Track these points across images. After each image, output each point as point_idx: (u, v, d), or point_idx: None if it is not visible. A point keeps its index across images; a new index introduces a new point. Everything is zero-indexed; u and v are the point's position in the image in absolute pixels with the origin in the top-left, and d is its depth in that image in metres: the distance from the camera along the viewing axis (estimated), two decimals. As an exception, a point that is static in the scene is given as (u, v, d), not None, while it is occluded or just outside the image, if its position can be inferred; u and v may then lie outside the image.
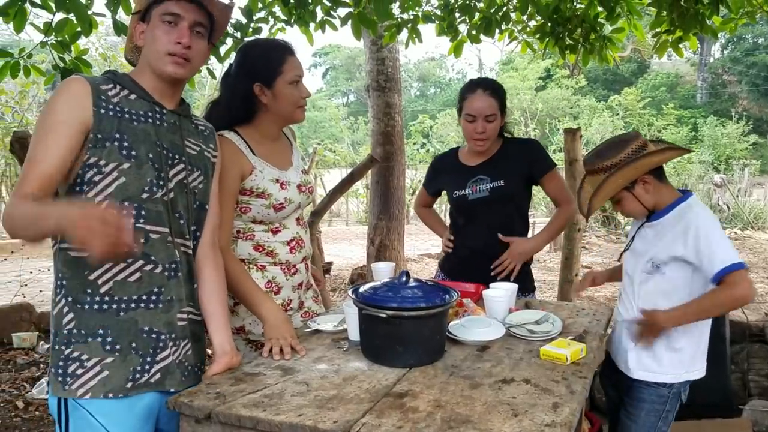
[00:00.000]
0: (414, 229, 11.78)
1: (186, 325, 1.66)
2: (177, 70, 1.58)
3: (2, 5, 2.89)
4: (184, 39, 1.56)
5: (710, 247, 1.93)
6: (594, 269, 2.26)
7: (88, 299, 1.52)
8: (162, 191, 1.57)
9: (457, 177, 2.63)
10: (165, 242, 1.59)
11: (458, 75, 43.76)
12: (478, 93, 2.49)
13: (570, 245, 4.72)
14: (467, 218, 2.64)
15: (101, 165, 1.49)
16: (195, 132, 1.74)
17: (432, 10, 4.49)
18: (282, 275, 2.10)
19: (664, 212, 2.07)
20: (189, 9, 1.58)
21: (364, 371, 1.65)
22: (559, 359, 1.72)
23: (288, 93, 1.99)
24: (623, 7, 4.09)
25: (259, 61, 1.99)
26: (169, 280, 1.60)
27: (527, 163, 2.57)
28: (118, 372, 1.52)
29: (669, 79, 29.86)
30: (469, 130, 2.52)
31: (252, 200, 2.01)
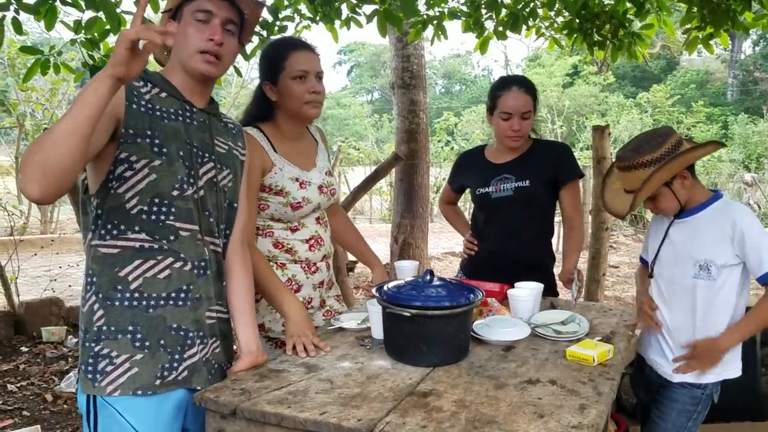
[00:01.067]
0: (438, 228, 11.75)
1: (215, 324, 1.67)
2: (209, 68, 1.59)
3: (33, 4, 2.94)
4: (217, 36, 1.56)
5: (758, 246, 1.91)
6: (644, 298, 2.19)
7: (118, 296, 1.53)
8: (192, 189, 1.58)
9: (482, 174, 2.60)
10: (195, 240, 1.60)
11: (484, 72, 43.51)
12: (514, 90, 2.46)
13: (597, 244, 4.66)
14: (489, 217, 2.61)
15: (132, 161, 1.50)
16: (224, 131, 1.75)
17: (458, 6, 4.46)
18: (302, 273, 2.11)
19: (698, 209, 2.04)
20: (221, 6, 1.58)
21: (388, 370, 1.65)
22: (585, 360, 1.70)
23: (292, 88, 1.98)
24: (653, 3, 4.03)
25: (265, 59, 2.04)
26: (198, 278, 1.61)
27: (555, 166, 2.53)
28: (147, 369, 1.53)
29: (699, 76, 29.34)
30: (503, 127, 2.48)
31: (270, 197, 2.02)
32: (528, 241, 2.54)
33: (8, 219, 6.32)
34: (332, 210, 2.33)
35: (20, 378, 4.04)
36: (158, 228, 1.54)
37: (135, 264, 1.53)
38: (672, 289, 2.10)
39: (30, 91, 8.15)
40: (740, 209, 2.00)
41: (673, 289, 2.09)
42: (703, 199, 2.04)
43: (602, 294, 4.75)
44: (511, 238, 2.53)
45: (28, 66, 3.24)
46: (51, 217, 10.98)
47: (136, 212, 1.52)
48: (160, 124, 1.54)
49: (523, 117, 2.45)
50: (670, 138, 1.99)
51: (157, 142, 1.52)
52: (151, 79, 1.59)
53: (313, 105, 2.01)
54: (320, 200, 2.12)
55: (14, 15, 3.01)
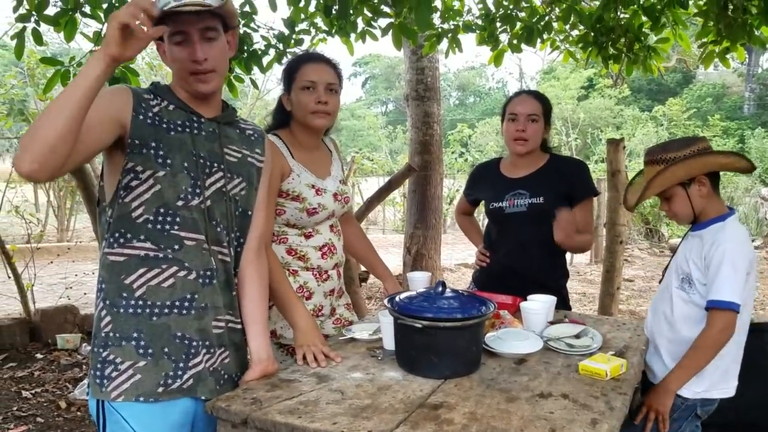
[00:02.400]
0: (451, 239, 11.73)
1: (223, 333, 1.67)
2: (205, 87, 1.60)
3: (54, 15, 2.99)
4: (198, 54, 1.55)
5: (717, 274, 1.93)
6: None
7: (124, 303, 1.55)
8: (198, 199, 1.59)
9: (496, 188, 2.59)
10: (200, 249, 1.61)
11: (498, 84, 43.53)
12: (523, 96, 2.53)
13: (612, 258, 4.63)
14: (501, 232, 2.60)
15: (138, 171, 1.53)
16: (239, 138, 1.75)
17: (473, 19, 4.47)
18: (313, 280, 2.13)
19: (706, 224, 2.04)
20: (191, 19, 1.53)
21: (399, 381, 1.65)
22: (598, 374, 1.68)
23: (300, 98, 2.06)
24: (668, 17, 4.02)
25: (283, 72, 2.14)
26: (204, 287, 1.61)
27: (569, 183, 2.51)
28: (150, 376, 1.54)
29: (715, 90, 29.15)
30: (510, 130, 2.49)
31: (287, 203, 2.05)
32: (540, 258, 2.51)
33: (26, 227, 6.39)
34: (345, 219, 2.35)
35: (35, 385, 4.06)
36: (163, 237, 1.56)
37: (140, 272, 1.55)
38: (661, 295, 2.17)
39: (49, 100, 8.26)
40: (730, 235, 1.98)
41: (661, 295, 2.16)
42: (715, 214, 2.04)
43: (616, 308, 4.71)
44: (523, 253, 2.52)
45: (47, 76, 3.29)
46: (68, 226, 11.09)
47: (142, 221, 1.55)
48: (166, 136, 1.56)
49: (529, 118, 2.46)
50: (700, 143, 2.01)
51: (161, 153, 1.54)
52: (159, 92, 1.62)
53: (319, 115, 2.07)
54: (335, 207, 2.16)
55: (35, 26, 3.06)
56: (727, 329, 1.91)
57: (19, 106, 8.63)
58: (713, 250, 1.96)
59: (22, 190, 9.02)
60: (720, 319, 1.91)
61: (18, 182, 9.22)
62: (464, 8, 4.52)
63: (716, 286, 1.92)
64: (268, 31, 3.81)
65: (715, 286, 1.93)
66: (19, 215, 6.51)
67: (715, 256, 1.94)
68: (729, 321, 1.91)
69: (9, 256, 4.86)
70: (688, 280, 2.05)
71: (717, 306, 1.91)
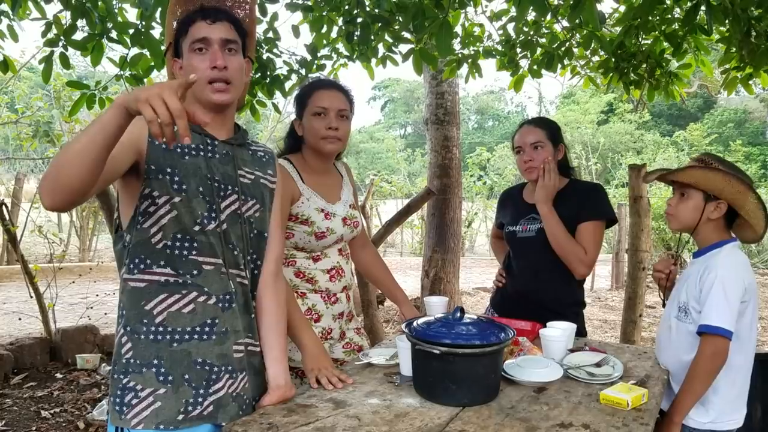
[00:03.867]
0: (469, 262, 11.68)
1: (243, 357, 1.66)
2: (221, 97, 1.59)
3: (81, 40, 3.06)
4: (219, 61, 1.56)
5: (707, 299, 1.92)
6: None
7: (144, 329, 1.55)
8: (214, 223, 1.59)
9: (514, 212, 2.61)
10: (219, 273, 1.60)
11: (517, 108, 43.58)
12: (524, 127, 2.55)
13: (634, 284, 4.57)
14: (515, 256, 2.61)
15: (155, 196, 1.53)
16: (251, 160, 1.74)
17: (493, 45, 4.50)
18: (322, 303, 2.14)
19: (706, 250, 2.05)
20: (215, 29, 1.57)
21: (417, 408, 1.63)
22: (619, 404, 1.65)
23: (312, 124, 2.10)
24: (690, 43, 4.00)
25: (296, 97, 2.18)
26: (224, 311, 1.61)
27: (580, 204, 2.45)
28: (170, 403, 1.53)
29: (737, 115, 28.92)
30: (519, 162, 2.53)
31: (296, 226, 2.07)
32: (550, 285, 2.47)
33: (48, 247, 6.47)
34: (361, 244, 2.36)
35: (54, 404, 4.08)
36: (182, 262, 1.56)
37: (160, 298, 1.55)
38: (662, 324, 2.17)
39: (74, 122, 8.39)
40: (725, 261, 1.96)
41: (662, 324, 2.17)
42: (715, 240, 2.03)
43: (639, 335, 4.64)
44: (534, 278, 2.51)
45: (72, 98, 3.36)
46: (90, 246, 11.22)
47: (161, 247, 1.55)
48: (181, 161, 1.56)
49: (533, 146, 2.47)
50: (747, 179, 1.99)
51: (176, 179, 1.54)
52: None
53: (330, 140, 2.10)
54: (344, 232, 2.17)
55: (62, 51, 3.13)
56: (717, 355, 1.89)
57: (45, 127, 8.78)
58: (706, 276, 1.95)
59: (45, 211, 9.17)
60: (709, 344, 1.89)
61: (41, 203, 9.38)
62: (484, 34, 4.55)
63: (706, 311, 1.92)
64: (290, 57, 3.86)
65: (704, 311, 1.92)
66: (42, 235, 6.60)
67: (707, 282, 1.94)
68: (719, 347, 1.89)
69: (32, 275, 4.92)
70: (684, 309, 2.04)
71: (706, 331, 1.90)
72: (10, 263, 9.19)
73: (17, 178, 10.23)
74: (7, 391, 4.28)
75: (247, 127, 1.81)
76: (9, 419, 3.81)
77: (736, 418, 2.03)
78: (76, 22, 3.04)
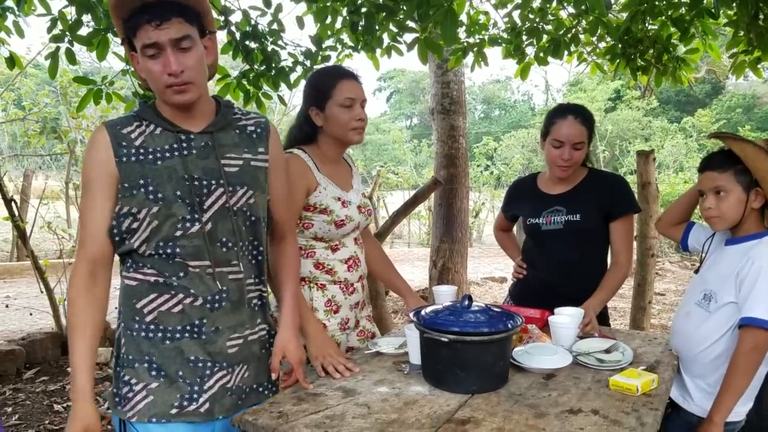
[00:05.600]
0: (477, 253, 11.66)
1: (239, 351, 1.65)
2: (183, 98, 1.52)
3: (86, 36, 3.06)
4: (173, 66, 1.47)
5: (752, 291, 1.84)
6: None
7: (136, 326, 1.57)
8: (198, 225, 1.55)
9: (534, 204, 2.55)
10: (204, 275, 1.58)
11: (524, 97, 43.40)
12: (569, 119, 2.38)
13: (643, 271, 4.56)
14: (539, 248, 2.56)
15: (135, 212, 1.52)
16: (239, 141, 1.65)
17: (498, 33, 4.47)
18: (341, 294, 2.14)
19: (743, 239, 1.98)
20: (162, 31, 1.45)
21: (425, 396, 1.64)
22: (629, 390, 1.65)
23: (339, 115, 2.06)
24: (698, 27, 3.96)
25: (313, 86, 2.11)
26: (212, 311, 1.59)
27: (608, 199, 2.43)
28: (163, 397, 1.55)
29: (745, 100, 28.66)
30: (553, 155, 2.41)
31: (315, 216, 2.07)
32: (578, 275, 2.46)
33: (58, 242, 6.51)
34: (363, 235, 2.36)
35: (66, 398, 4.12)
36: (168, 265, 1.56)
37: (150, 297, 1.56)
38: (681, 308, 2.14)
39: (81, 118, 8.41)
40: (765, 253, 1.88)
41: (681, 309, 2.13)
42: (753, 231, 1.97)
43: (648, 322, 4.63)
44: (560, 270, 2.47)
45: (79, 94, 3.36)
46: (98, 241, 11.23)
47: (148, 255, 1.56)
48: (153, 168, 1.52)
49: (574, 147, 2.37)
50: None
51: (151, 189, 1.51)
52: (144, 115, 1.56)
53: (358, 131, 2.09)
54: (360, 219, 2.17)
55: (68, 46, 3.14)
56: (758, 349, 1.82)
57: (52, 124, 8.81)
58: (749, 267, 1.87)
59: (54, 207, 9.22)
60: (751, 337, 1.82)
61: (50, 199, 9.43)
62: (490, 22, 4.52)
63: (750, 303, 1.84)
64: (295, 48, 3.85)
65: (748, 303, 1.84)
66: (52, 231, 6.63)
67: (751, 273, 1.86)
68: (760, 340, 1.82)
69: (42, 271, 4.96)
70: (710, 297, 1.99)
71: (750, 323, 1.82)
72: (21, 259, 9.25)
73: (26, 175, 10.27)
74: (19, 385, 4.32)
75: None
76: (22, 413, 3.85)
77: (741, 411, 2.00)
78: (81, 18, 3.05)
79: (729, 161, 1.94)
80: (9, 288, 7.55)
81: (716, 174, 1.96)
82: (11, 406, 3.96)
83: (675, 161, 18.82)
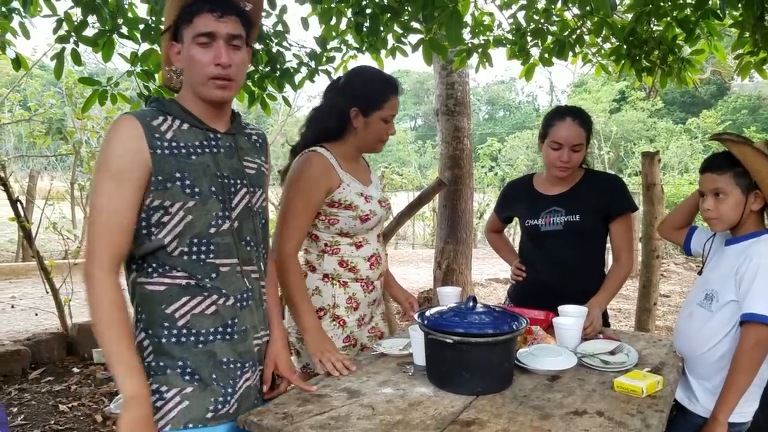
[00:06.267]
0: (482, 254, 11.64)
1: (260, 350, 1.69)
2: (223, 93, 1.53)
3: (92, 37, 3.07)
4: (224, 59, 1.49)
5: (751, 287, 1.86)
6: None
7: (166, 332, 1.52)
8: (228, 223, 1.56)
9: (531, 205, 2.55)
10: (235, 273, 1.58)
11: (528, 98, 43.33)
12: (568, 121, 2.39)
13: (648, 273, 4.55)
14: (538, 249, 2.56)
15: (167, 206, 1.49)
16: (251, 147, 1.70)
17: (503, 34, 4.47)
18: (361, 292, 2.18)
19: (742, 238, 1.99)
20: (221, 24, 1.49)
21: (430, 397, 1.64)
22: (634, 392, 1.65)
23: (378, 127, 2.11)
24: (703, 28, 3.95)
25: (365, 89, 2.10)
26: (242, 310, 1.60)
27: (606, 199, 2.45)
28: (198, 402, 1.52)
29: (751, 101, 28.57)
30: (552, 157, 2.42)
31: (340, 212, 2.09)
32: (578, 274, 2.46)
33: (63, 243, 6.53)
34: None
35: (71, 398, 4.13)
36: (200, 267, 1.53)
37: (182, 301, 1.53)
38: (684, 309, 2.15)
39: (86, 119, 8.43)
40: (764, 251, 1.90)
41: (684, 310, 2.14)
42: (752, 230, 1.98)
43: (653, 324, 4.62)
44: (560, 270, 2.47)
45: (84, 95, 3.37)
46: (103, 241, 11.25)
47: (178, 254, 1.51)
48: (188, 162, 1.51)
49: (573, 149, 2.38)
50: None
51: (188, 183, 1.50)
52: (169, 110, 1.54)
53: (384, 143, 2.18)
54: (381, 213, 2.21)
55: (73, 47, 3.15)
56: (760, 344, 1.83)
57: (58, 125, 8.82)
58: (747, 264, 1.89)
59: (59, 207, 9.24)
60: (753, 333, 1.83)
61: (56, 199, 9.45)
62: (495, 23, 4.52)
63: (749, 299, 1.85)
64: (300, 50, 3.85)
65: (748, 299, 1.86)
66: (57, 232, 6.65)
67: (749, 270, 1.88)
68: (762, 336, 1.82)
69: (47, 271, 4.97)
70: (711, 297, 1.99)
71: (751, 319, 1.83)
72: (26, 260, 9.28)
73: (31, 176, 10.30)
74: (25, 385, 4.33)
75: (258, 122, 1.79)
76: (28, 413, 3.86)
77: (747, 411, 1.99)
78: (86, 19, 3.06)
79: (729, 163, 1.95)
80: (14, 288, 7.57)
81: (716, 176, 1.97)
82: (17, 406, 3.97)
83: (680, 162, 18.78)
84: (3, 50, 3.55)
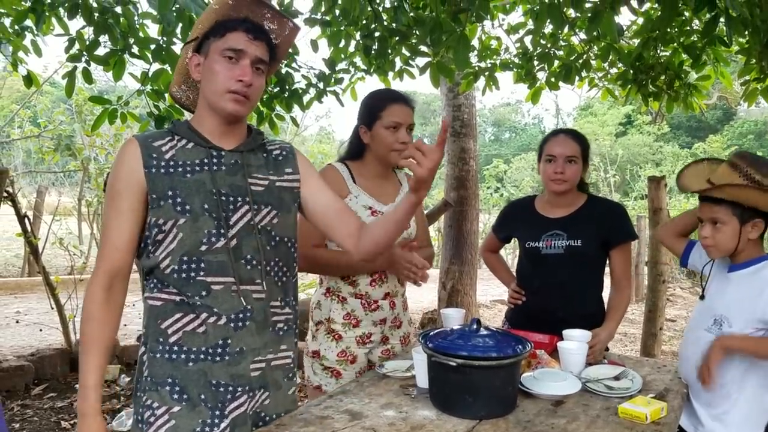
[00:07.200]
0: (487, 275, 11.59)
1: (261, 375, 1.62)
2: (237, 108, 1.55)
3: (103, 56, 3.11)
4: (247, 77, 1.52)
5: None
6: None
7: (160, 348, 1.55)
8: (223, 240, 1.55)
9: (532, 227, 2.55)
10: (229, 292, 1.56)
11: (534, 120, 43.45)
12: (561, 136, 2.48)
13: (654, 297, 4.53)
14: (538, 272, 2.54)
15: (161, 224, 1.52)
16: (265, 164, 1.67)
17: (510, 58, 4.51)
18: (361, 309, 2.18)
19: (745, 265, 1.99)
20: (254, 45, 1.54)
21: (433, 420, 1.63)
22: (638, 418, 1.64)
23: (383, 136, 2.16)
24: (709, 54, 3.98)
25: (365, 106, 2.23)
26: (237, 330, 1.57)
27: (606, 227, 2.45)
28: (185, 422, 1.52)
29: (757, 127, 28.57)
30: (548, 171, 2.45)
31: None
32: (578, 298, 2.46)
33: (69, 259, 6.55)
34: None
35: (74, 415, 4.12)
36: (189, 285, 1.53)
37: (175, 317, 1.54)
38: (688, 335, 2.14)
39: (95, 136, 8.52)
40: None
41: (688, 336, 2.14)
42: (755, 256, 1.99)
43: (659, 349, 4.59)
44: (560, 294, 2.46)
45: (94, 113, 3.41)
46: (109, 257, 11.28)
47: (170, 271, 1.53)
48: (182, 180, 1.53)
49: (567, 160, 2.42)
50: None
51: (179, 200, 1.51)
52: (178, 131, 1.59)
53: (399, 153, 2.15)
54: None
55: (85, 66, 3.19)
56: None
57: (67, 141, 8.91)
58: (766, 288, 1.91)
59: (66, 223, 9.29)
60: None
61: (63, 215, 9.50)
62: (501, 47, 4.57)
63: None
64: (308, 71, 3.90)
65: None
66: (63, 247, 6.68)
67: None
68: None
69: (53, 287, 4.98)
70: (721, 322, 1.99)
71: None
72: (32, 275, 9.31)
73: (39, 191, 10.38)
74: (28, 401, 4.33)
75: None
76: (30, 429, 3.85)
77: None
78: (98, 38, 3.10)
79: None
80: (20, 303, 7.59)
81: (713, 206, 1.97)
82: (19, 422, 3.96)
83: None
84: (15, 67, 3.60)
